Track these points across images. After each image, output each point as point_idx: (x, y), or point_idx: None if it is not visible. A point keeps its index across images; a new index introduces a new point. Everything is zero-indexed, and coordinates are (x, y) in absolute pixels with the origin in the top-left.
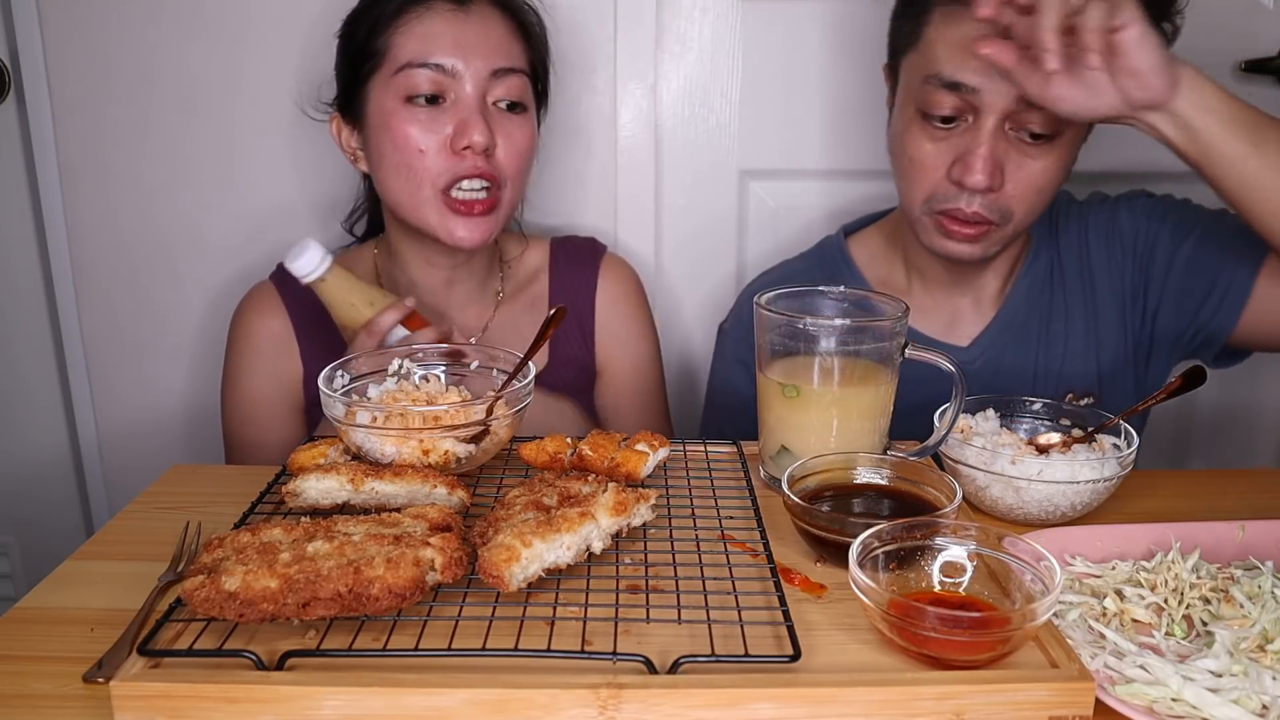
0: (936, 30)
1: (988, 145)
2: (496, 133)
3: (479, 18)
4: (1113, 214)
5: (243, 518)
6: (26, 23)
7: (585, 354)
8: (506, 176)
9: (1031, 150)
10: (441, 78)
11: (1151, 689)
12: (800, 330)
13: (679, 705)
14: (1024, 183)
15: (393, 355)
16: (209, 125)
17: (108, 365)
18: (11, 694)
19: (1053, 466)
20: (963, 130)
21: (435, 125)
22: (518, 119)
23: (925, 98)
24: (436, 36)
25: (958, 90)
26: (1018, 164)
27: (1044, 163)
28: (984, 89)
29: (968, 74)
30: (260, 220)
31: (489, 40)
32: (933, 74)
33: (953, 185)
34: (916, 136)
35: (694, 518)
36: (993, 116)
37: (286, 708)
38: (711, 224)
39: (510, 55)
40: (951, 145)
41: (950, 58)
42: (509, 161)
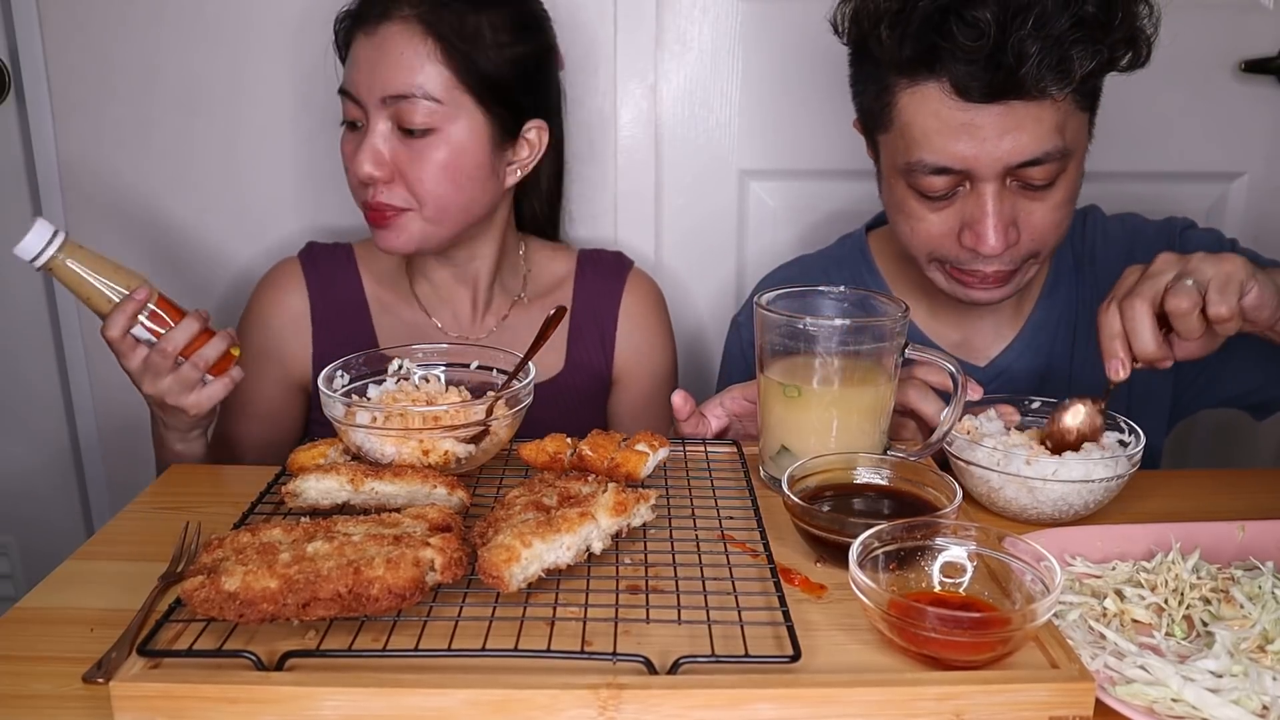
0: (906, 113)
1: (995, 212)
2: (399, 159)
3: (380, 41)
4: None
5: (242, 518)
6: (26, 23)
7: (603, 364)
8: (415, 201)
9: (1038, 195)
10: (352, 105)
11: (1152, 689)
12: (800, 330)
13: (679, 705)
14: (1039, 227)
15: (393, 355)
16: (209, 125)
17: (108, 365)
18: (11, 694)
19: (1068, 466)
20: (963, 197)
21: (353, 150)
22: (419, 144)
23: (913, 181)
24: (355, 63)
25: (947, 172)
26: (1028, 212)
27: (1054, 201)
28: (975, 165)
29: (952, 155)
30: (261, 220)
31: (384, 65)
32: (915, 160)
33: (965, 250)
34: (913, 208)
35: (694, 518)
36: (991, 182)
37: (286, 708)
38: (711, 224)
39: (406, 81)
40: (954, 212)
41: (929, 142)
42: (416, 186)
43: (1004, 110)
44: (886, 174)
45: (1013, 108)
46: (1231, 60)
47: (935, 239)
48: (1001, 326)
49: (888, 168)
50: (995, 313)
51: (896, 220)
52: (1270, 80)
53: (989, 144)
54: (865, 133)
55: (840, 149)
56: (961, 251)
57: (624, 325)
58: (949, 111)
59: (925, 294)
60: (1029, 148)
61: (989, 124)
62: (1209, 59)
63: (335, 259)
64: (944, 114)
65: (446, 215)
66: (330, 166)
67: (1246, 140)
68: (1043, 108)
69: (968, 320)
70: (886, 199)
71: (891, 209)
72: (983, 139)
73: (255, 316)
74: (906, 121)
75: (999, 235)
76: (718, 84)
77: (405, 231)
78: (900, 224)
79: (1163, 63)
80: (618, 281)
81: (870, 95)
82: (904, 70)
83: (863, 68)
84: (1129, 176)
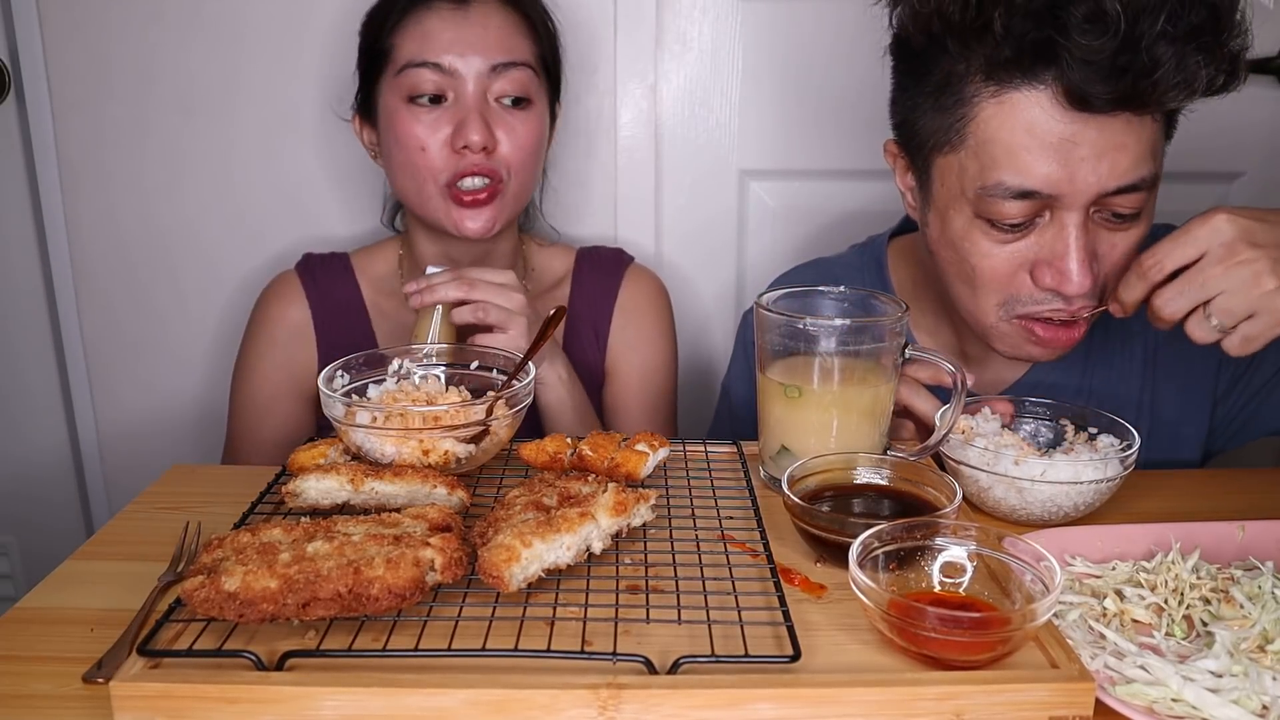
0: (990, 128)
1: (1080, 248)
2: (498, 128)
3: (478, 14)
4: None
5: (243, 518)
6: (26, 23)
7: (597, 359)
8: (510, 170)
9: (1120, 226)
10: (440, 77)
11: (1151, 689)
12: (800, 330)
13: (679, 705)
14: (1118, 264)
15: (393, 355)
16: (209, 125)
17: (108, 366)
18: (11, 694)
19: (1055, 467)
20: (1040, 228)
21: (437, 124)
22: (521, 114)
23: (987, 208)
24: (435, 35)
25: (1031, 198)
26: (1109, 245)
27: (1134, 236)
28: (1066, 190)
29: (1041, 178)
30: (260, 220)
31: (488, 36)
32: (994, 183)
33: (1041, 291)
34: (980, 245)
35: (694, 518)
36: (1077, 212)
37: (286, 708)
38: (711, 224)
39: (511, 50)
40: (1029, 245)
41: (1015, 161)
42: (513, 156)
43: (1108, 127)
44: (943, 203)
45: (1116, 125)
46: None
47: (1004, 279)
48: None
49: (948, 195)
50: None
51: (953, 261)
52: (1270, 80)
53: (1086, 165)
54: (911, 156)
55: (841, 149)
56: (1036, 291)
57: (618, 320)
58: (1046, 124)
59: (942, 321)
60: (1128, 172)
61: (1090, 142)
62: None
63: (332, 269)
64: (1039, 129)
65: (524, 192)
66: (329, 166)
67: (1246, 140)
68: (1144, 126)
69: (987, 354)
70: (938, 235)
71: (946, 247)
72: (1079, 159)
73: (259, 331)
74: (987, 138)
75: (1084, 271)
76: (718, 84)
77: (498, 207)
78: (959, 266)
79: None
80: (615, 278)
81: (935, 109)
82: (995, 74)
83: (927, 75)
84: None
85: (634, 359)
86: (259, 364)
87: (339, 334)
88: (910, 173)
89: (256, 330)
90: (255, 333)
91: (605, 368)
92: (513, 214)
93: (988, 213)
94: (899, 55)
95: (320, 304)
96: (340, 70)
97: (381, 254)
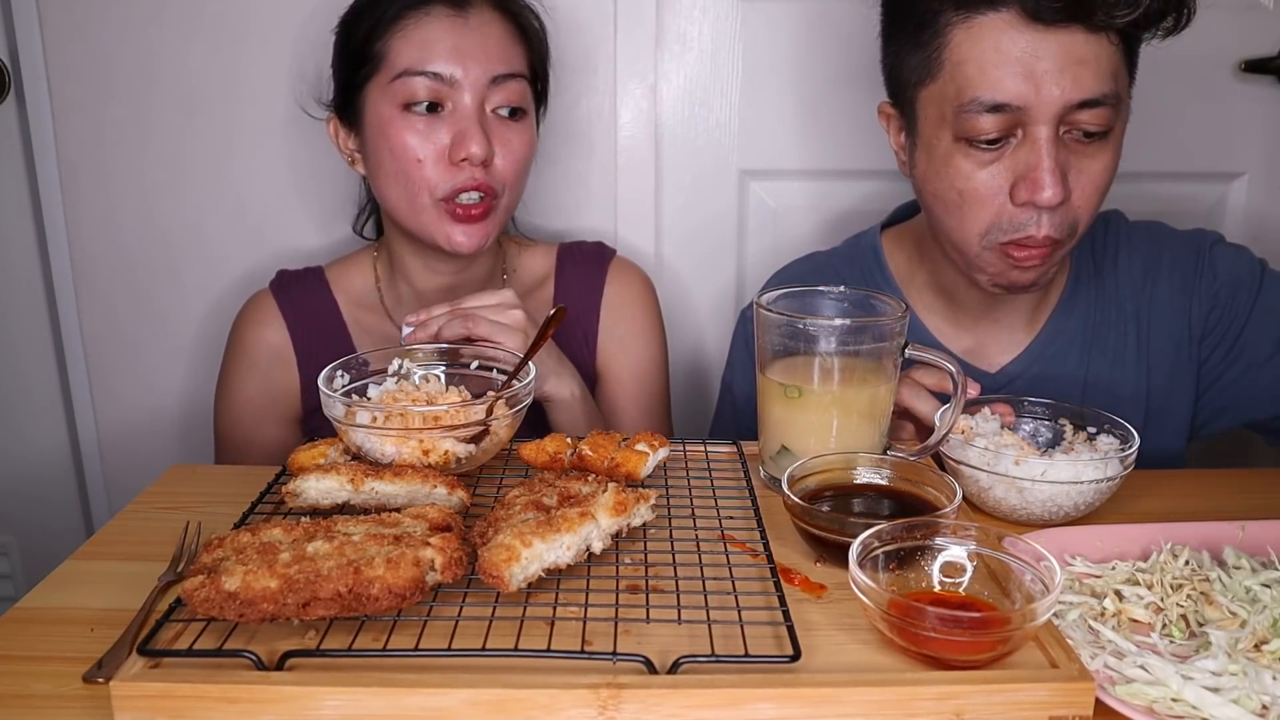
0: (961, 50)
1: (1050, 157)
2: (495, 140)
3: (478, 22)
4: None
5: (243, 518)
6: (26, 23)
7: (586, 358)
8: (505, 184)
9: (1089, 149)
10: (439, 86)
11: (1151, 689)
12: (800, 330)
13: (679, 705)
14: (1088, 187)
15: (393, 355)
16: (209, 125)
17: (108, 365)
18: (11, 694)
19: (1056, 467)
20: (1015, 147)
21: (433, 135)
22: (517, 125)
23: (965, 125)
24: (434, 43)
25: (1003, 111)
26: (1078, 169)
27: (1103, 161)
28: (1033, 102)
29: (1010, 90)
30: (260, 221)
31: (487, 46)
32: (969, 100)
33: (1019, 210)
34: (962, 167)
35: (694, 518)
36: (1046, 125)
37: (286, 708)
38: (711, 224)
39: (509, 60)
40: (1005, 166)
41: (986, 77)
42: (507, 169)
43: (1066, 42)
44: (927, 135)
45: (1074, 40)
46: (1231, 60)
47: (986, 200)
48: (1016, 333)
49: (931, 125)
50: (1010, 317)
51: (939, 192)
52: (1270, 80)
53: (1049, 78)
54: (898, 104)
55: (841, 149)
56: (1015, 213)
57: (606, 318)
58: (1010, 41)
59: (938, 297)
60: (1089, 86)
61: (1050, 56)
62: (1209, 59)
63: (307, 285)
64: (1004, 45)
65: (514, 205)
66: (329, 168)
67: (1246, 140)
68: (1101, 45)
69: (981, 326)
70: (924, 170)
71: (931, 179)
72: (1043, 73)
73: (238, 357)
74: (960, 60)
75: (1055, 181)
76: (718, 84)
77: (491, 222)
78: (944, 194)
79: (1162, 63)
80: (598, 274)
81: (915, 45)
82: (963, 3)
83: (908, 17)
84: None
85: (626, 359)
86: (240, 388)
87: (320, 353)
88: (902, 132)
89: (234, 355)
90: (233, 358)
91: (597, 368)
92: (501, 227)
93: (965, 131)
94: (885, 8)
95: (297, 323)
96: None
97: (357, 265)
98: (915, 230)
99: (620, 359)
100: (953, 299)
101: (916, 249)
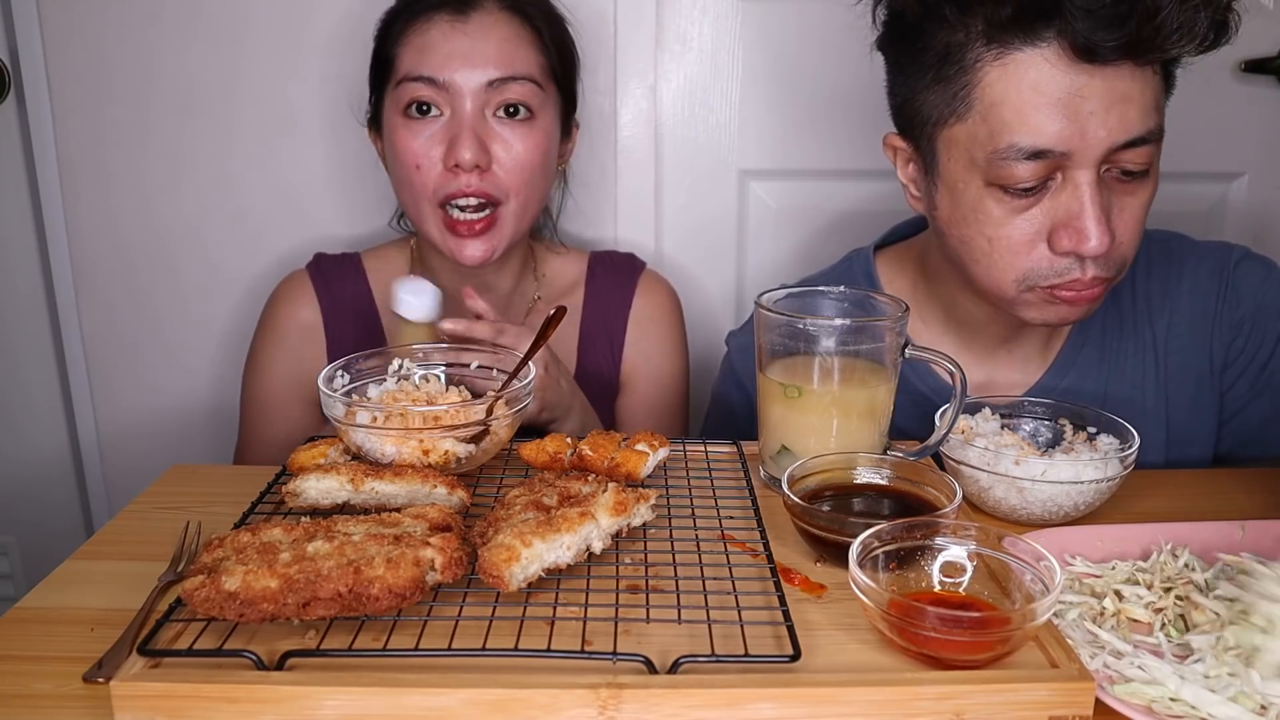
0: (995, 91)
1: (1094, 204)
2: (494, 144)
3: (477, 26)
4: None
5: (243, 518)
6: (26, 23)
7: (612, 368)
8: (508, 190)
9: (1130, 186)
10: (435, 91)
11: (1150, 689)
12: (800, 330)
13: (679, 705)
14: (1130, 225)
15: (393, 355)
16: (209, 125)
17: (108, 365)
18: (11, 694)
19: (1056, 467)
20: (1054, 191)
21: (430, 140)
22: (521, 128)
23: (999, 173)
24: (432, 48)
25: (1043, 157)
26: (1120, 207)
27: (1144, 195)
28: (1078, 146)
29: (1052, 135)
30: (260, 221)
31: (488, 49)
32: (1005, 146)
33: (1059, 257)
34: (993, 214)
35: (694, 518)
36: (1089, 170)
37: (286, 708)
38: (711, 224)
39: (512, 63)
40: (1044, 210)
41: (1025, 122)
42: (509, 175)
43: (1112, 78)
44: (953, 177)
45: (1120, 76)
46: (1231, 60)
47: (1021, 249)
48: (1028, 364)
49: (958, 167)
50: (1024, 349)
51: (967, 238)
52: (1270, 80)
53: (1095, 119)
54: (914, 139)
55: (841, 149)
56: (1056, 260)
57: (633, 330)
58: (1052, 80)
59: (948, 328)
60: (1135, 124)
61: (1096, 95)
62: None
63: (344, 270)
64: (1045, 86)
65: (528, 210)
66: (329, 169)
67: (1246, 140)
68: (1147, 78)
69: (993, 358)
70: (949, 214)
71: (958, 224)
72: (1088, 114)
73: (269, 332)
74: (994, 101)
75: (1102, 230)
76: (718, 84)
77: (497, 234)
78: (974, 241)
79: None
80: (629, 285)
81: (937, 81)
82: (996, 36)
83: (925, 50)
84: None
85: (649, 371)
86: (268, 365)
87: (349, 336)
88: (912, 163)
89: (266, 330)
90: (265, 333)
91: (620, 379)
92: (515, 235)
93: (999, 178)
94: (893, 36)
95: (331, 305)
96: (340, 71)
97: (393, 254)
98: (917, 254)
99: (644, 371)
100: (964, 329)
101: (921, 275)
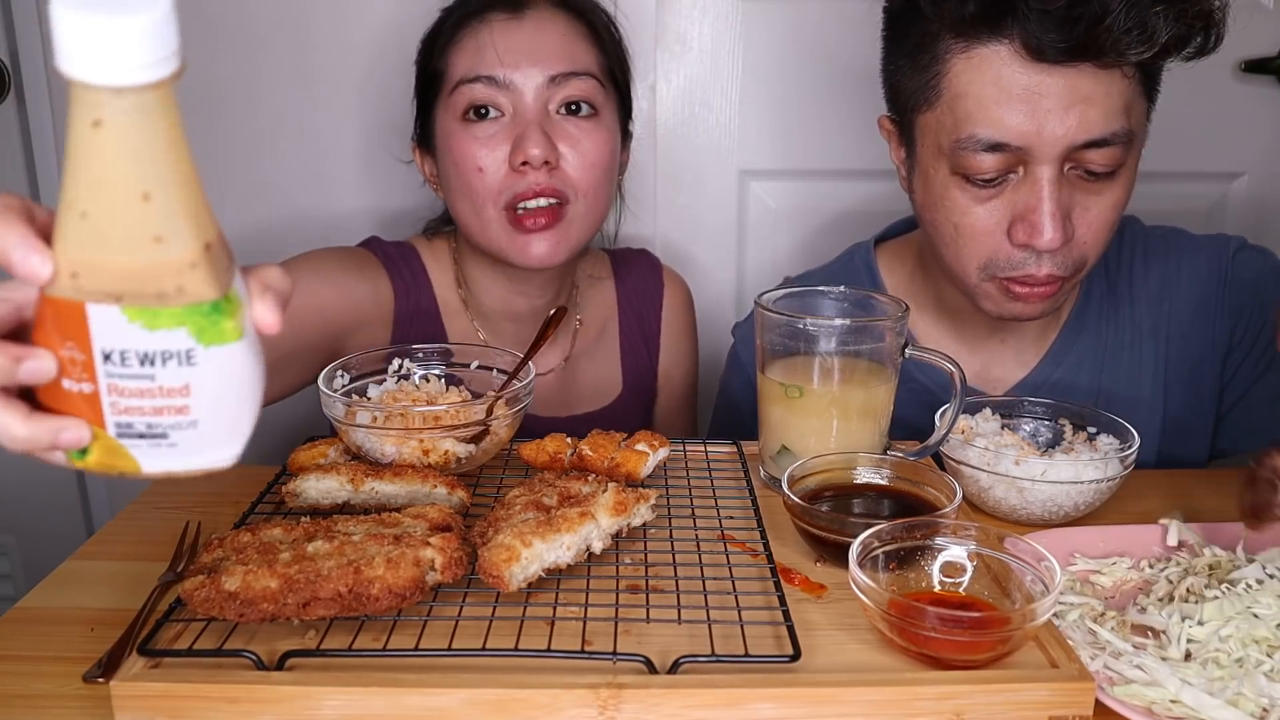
0: (960, 82)
1: (1051, 200)
2: (561, 142)
3: (534, 23)
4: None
5: (243, 518)
6: (26, 23)
7: (649, 366)
8: (576, 189)
9: (1095, 187)
10: (495, 91)
11: (1150, 690)
12: (800, 330)
13: (679, 705)
14: (1094, 225)
15: (393, 355)
16: (208, 126)
17: None
18: (11, 694)
19: (1056, 467)
20: (1015, 184)
21: (493, 141)
22: (586, 124)
23: (962, 162)
24: (488, 48)
25: (1002, 150)
26: (1084, 206)
27: (1111, 197)
28: (1035, 142)
29: (1010, 130)
30: (259, 222)
31: (545, 45)
32: (967, 136)
33: (1016, 249)
34: (958, 202)
35: (694, 518)
36: (1049, 166)
37: (286, 708)
38: (711, 224)
39: (572, 59)
40: (1005, 203)
41: (985, 114)
42: (579, 173)
43: (1072, 78)
44: (925, 162)
45: (1081, 76)
46: (1231, 60)
47: (982, 237)
48: (1024, 353)
49: (928, 153)
50: (1017, 339)
51: (936, 222)
52: (1270, 80)
53: (1053, 117)
54: (898, 120)
55: (841, 149)
56: (1012, 251)
57: (665, 336)
58: (1011, 77)
59: (942, 317)
60: (1096, 125)
61: (1054, 94)
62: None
63: (405, 258)
64: (1005, 80)
65: (594, 214)
66: (332, 172)
67: (1246, 140)
68: (1112, 81)
69: (988, 346)
70: (922, 197)
71: (929, 208)
72: (1046, 111)
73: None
74: (959, 92)
75: (1056, 225)
76: (718, 84)
77: (565, 233)
78: (941, 226)
79: None
80: (655, 281)
81: (913, 68)
82: (963, 30)
83: (906, 37)
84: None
85: (677, 375)
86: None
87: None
88: (902, 148)
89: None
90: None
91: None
92: (580, 241)
93: (963, 167)
94: (887, 19)
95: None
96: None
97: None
98: (915, 246)
99: (674, 374)
100: (957, 319)
101: (918, 266)
